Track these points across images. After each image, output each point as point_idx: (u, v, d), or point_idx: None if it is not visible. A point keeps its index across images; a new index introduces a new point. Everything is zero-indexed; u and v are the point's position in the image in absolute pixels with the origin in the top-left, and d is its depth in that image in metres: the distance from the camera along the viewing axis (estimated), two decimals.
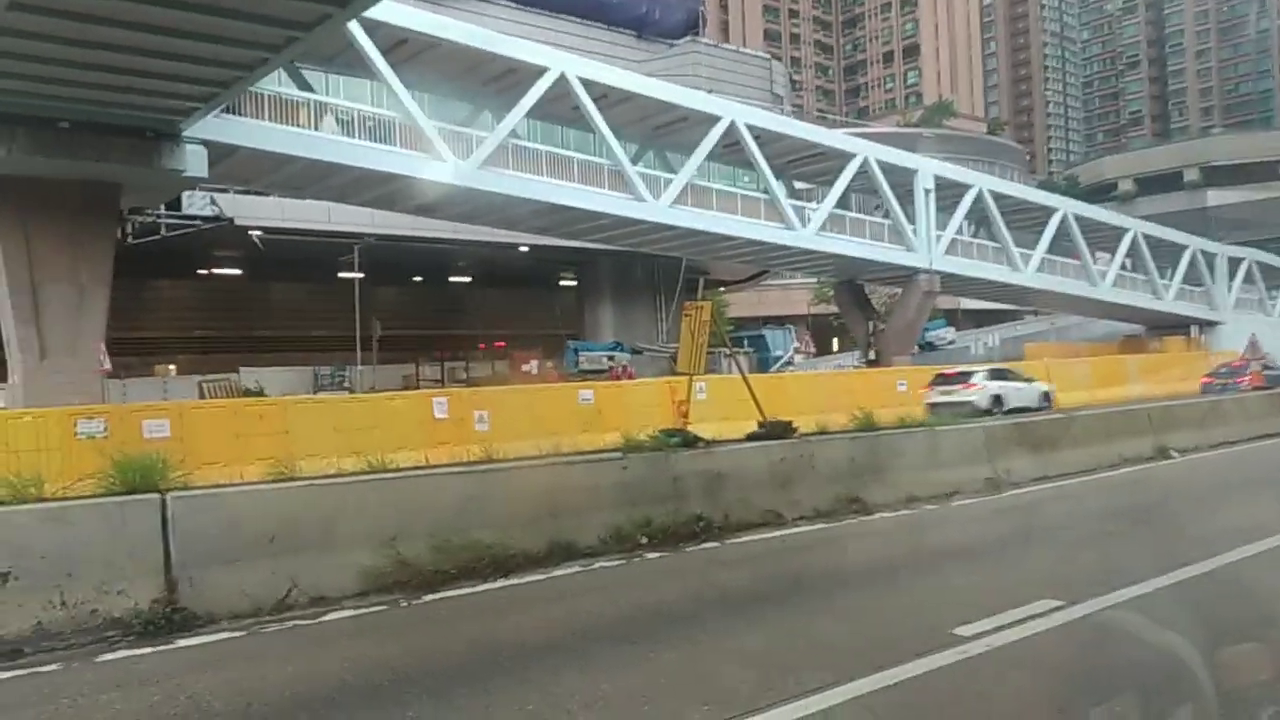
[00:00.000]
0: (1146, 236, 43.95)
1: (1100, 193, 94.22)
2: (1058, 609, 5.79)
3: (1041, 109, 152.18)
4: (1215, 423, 15.44)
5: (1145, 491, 11.37)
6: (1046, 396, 24.48)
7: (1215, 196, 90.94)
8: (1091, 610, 5.80)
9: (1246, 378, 27.63)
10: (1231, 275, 48.81)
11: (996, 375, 24.60)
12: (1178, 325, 45.91)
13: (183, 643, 5.73)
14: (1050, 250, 39.45)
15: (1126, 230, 43.25)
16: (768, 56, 45.96)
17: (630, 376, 28.60)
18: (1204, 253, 47.62)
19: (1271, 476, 12.40)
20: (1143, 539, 8.39)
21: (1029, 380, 25.14)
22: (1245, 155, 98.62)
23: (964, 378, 23.77)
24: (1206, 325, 46.73)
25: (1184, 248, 46.35)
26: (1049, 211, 39.92)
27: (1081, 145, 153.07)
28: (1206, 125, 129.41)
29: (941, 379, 23.89)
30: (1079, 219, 40.93)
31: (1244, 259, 49.86)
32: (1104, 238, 43.43)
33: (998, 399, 23.05)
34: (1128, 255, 43.08)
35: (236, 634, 5.93)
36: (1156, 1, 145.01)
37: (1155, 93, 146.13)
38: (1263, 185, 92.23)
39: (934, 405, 21.39)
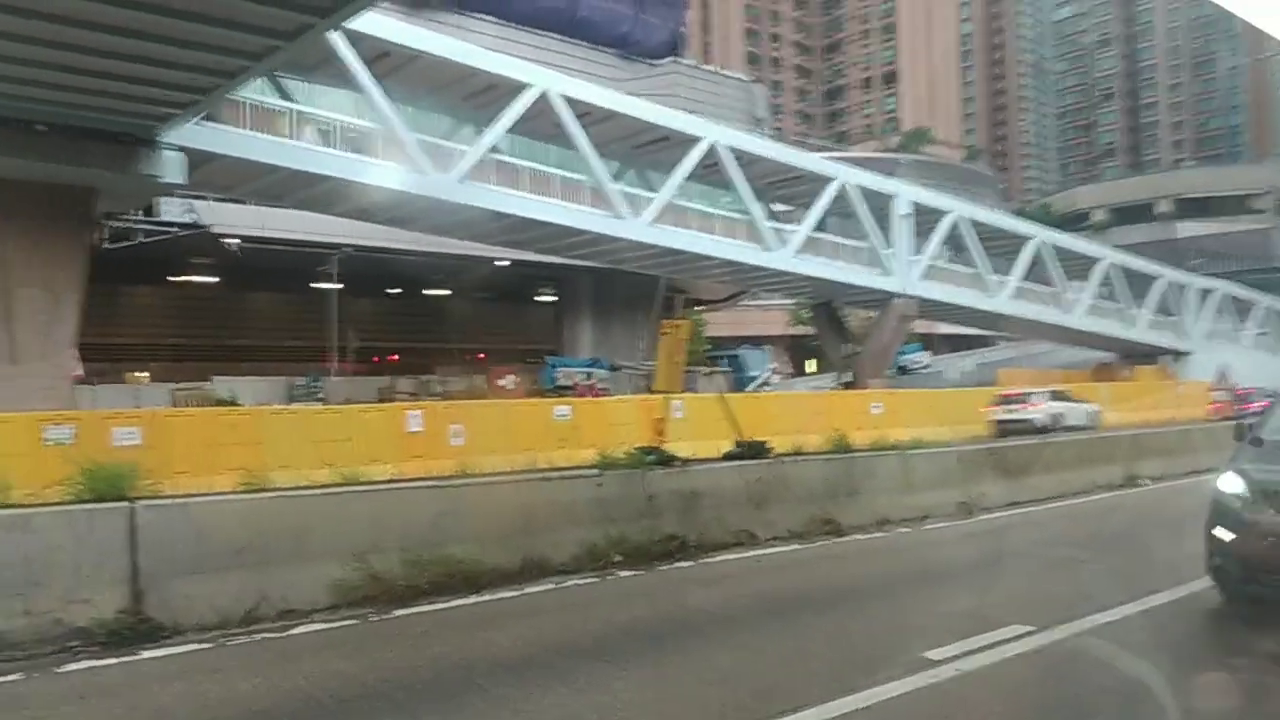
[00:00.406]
0: (1119, 266, 44.52)
1: (1074, 222, 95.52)
2: (1028, 634, 5.83)
3: (1017, 138, 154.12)
4: (1184, 451, 15.60)
5: (1115, 518, 11.47)
6: (1091, 416, 26.34)
7: (1186, 228, 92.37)
8: (1061, 636, 5.84)
9: (1255, 404, 28.52)
10: (1202, 306, 49.50)
11: (1055, 396, 26.13)
12: (1149, 354, 46.46)
13: (148, 654, 5.65)
14: (1025, 278, 39.86)
15: (1099, 259, 43.81)
16: (749, 79, 46.39)
17: (597, 394, 28.57)
18: (1175, 283, 48.29)
19: None
20: (1112, 566, 8.45)
21: (1080, 401, 26.85)
22: (1215, 188, 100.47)
23: (1025, 398, 25.28)
24: (1177, 354, 47.32)
25: (1155, 278, 46.99)
26: (1024, 239, 40.37)
27: (1056, 175, 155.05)
28: (1178, 158, 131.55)
29: (1004, 399, 25.64)
30: (1053, 247, 41.41)
31: (1214, 290, 50.59)
32: (1077, 266, 43.93)
33: (1056, 417, 24.71)
34: (1101, 284, 43.60)
35: (203, 646, 5.85)
36: (1131, 36, 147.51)
37: (1128, 125, 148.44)
38: (1232, 218, 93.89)
39: (1000, 422, 24.07)
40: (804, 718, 4.50)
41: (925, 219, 36.27)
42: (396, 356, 40.44)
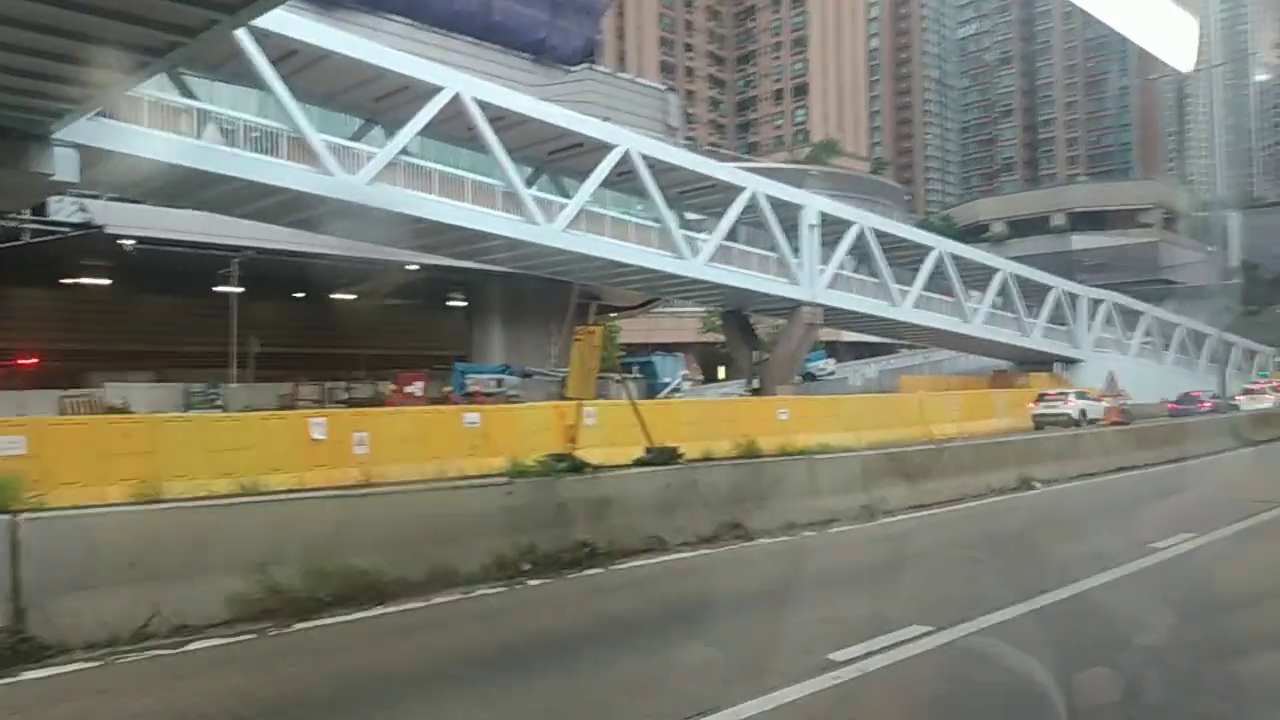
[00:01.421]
0: (1016, 276, 46.19)
1: (974, 233, 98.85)
2: (927, 634, 6.00)
3: (921, 151, 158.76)
4: (1074, 456, 16.27)
5: (1010, 520, 11.87)
6: (1099, 411, 31.71)
7: (1079, 240, 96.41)
8: (958, 635, 6.03)
9: (1207, 403, 35.35)
10: (1092, 315, 51.66)
11: (1079, 395, 32.80)
12: (1043, 361, 48.31)
13: (30, 675, 5.39)
14: (926, 287, 41.04)
15: (997, 270, 45.36)
16: (662, 88, 46.71)
17: (480, 401, 28.30)
18: (1068, 293, 50.31)
19: (1124, 507, 13.13)
20: (1006, 566, 8.75)
21: (1094, 400, 33.06)
22: (1106, 203, 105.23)
23: (1062, 396, 32.32)
24: (1069, 362, 49.30)
25: (1049, 288, 48.89)
26: (926, 250, 41.56)
27: (958, 187, 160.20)
28: (1072, 173, 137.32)
29: (1044, 397, 32.37)
30: (954, 258, 42.73)
31: (1103, 300, 52.87)
32: (976, 277, 45.44)
33: (1083, 411, 30.68)
34: (998, 294, 45.16)
35: (91, 665, 5.61)
36: (1030, 54, 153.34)
37: (1026, 140, 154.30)
38: (1121, 231, 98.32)
39: (1039, 415, 30.22)
40: None
41: (832, 229, 37.06)
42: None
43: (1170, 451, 18.42)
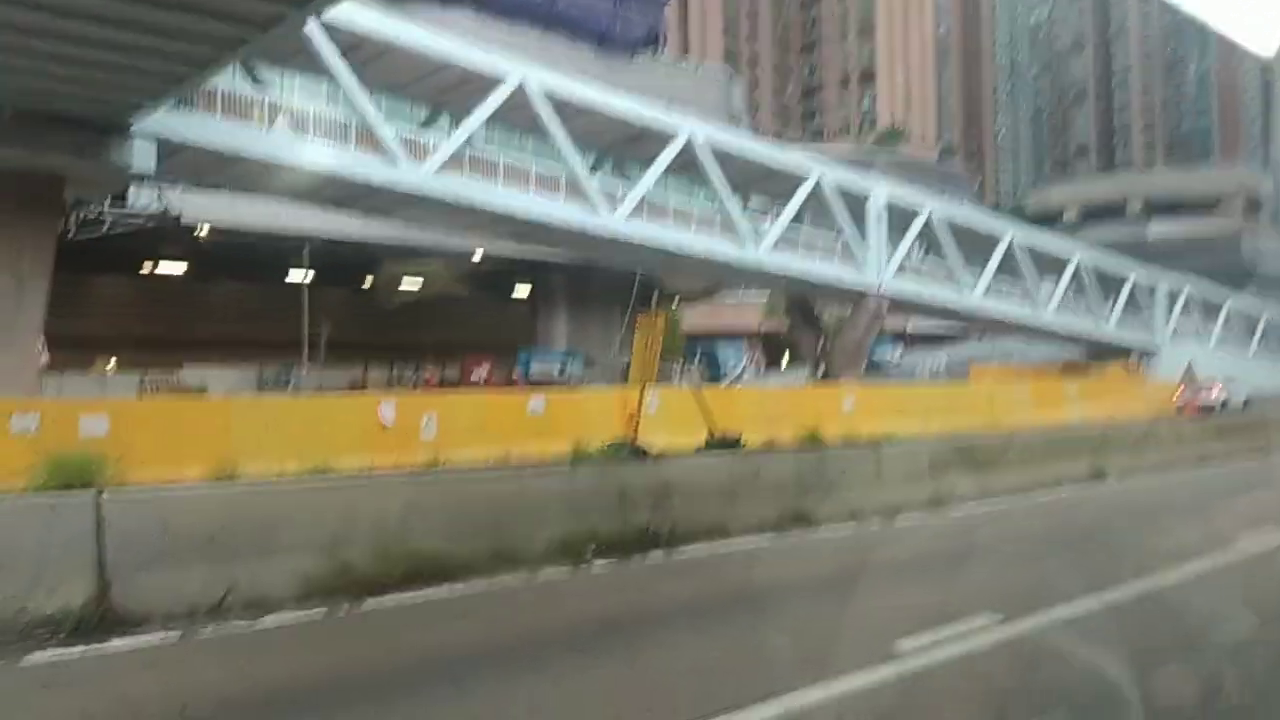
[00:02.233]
0: (1089, 264, 45.01)
1: (1046, 220, 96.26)
2: (995, 625, 5.90)
3: (992, 138, 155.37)
4: (1150, 447, 15.83)
5: (1081, 513, 11.61)
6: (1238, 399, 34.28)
7: (1156, 228, 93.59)
8: (1028, 627, 5.92)
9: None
10: (1170, 305, 50.15)
11: (1228, 379, 35.82)
12: (1117, 351, 47.03)
13: (115, 644, 5.59)
14: (997, 274, 40.21)
15: (1070, 257, 44.25)
16: (726, 74, 46.36)
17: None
18: (1144, 282, 48.89)
19: (1199, 501, 12.74)
20: (1078, 559, 8.55)
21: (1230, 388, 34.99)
22: (1185, 190, 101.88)
23: (1208, 385, 34.44)
24: (1145, 353, 47.92)
25: (1125, 277, 47.55)
26: (996, 237, 40.70)
27: (1030, 174, 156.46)
28: (1149, 159, 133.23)
29: (1192, 381, 35.07)
30: (1026, 245, 41.80)
31: (1182, 290, 51.27)
32: (1049, 264, 44.38)
33: (1227, 399, 33.44)
34: (1071, 281, 44.06)
35: (171, 636, 5.80)
36: (1104, 40, 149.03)
37: (1101, 126, 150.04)
38: (1201, 219, 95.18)
39: (1183, 403, 32.09)
40: (773, 706, 4.53)
41: (900, 216, 36.49)
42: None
43: (1253, 443, 17.81)
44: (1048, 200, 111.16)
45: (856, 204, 35.11)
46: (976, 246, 40.66)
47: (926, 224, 36.93)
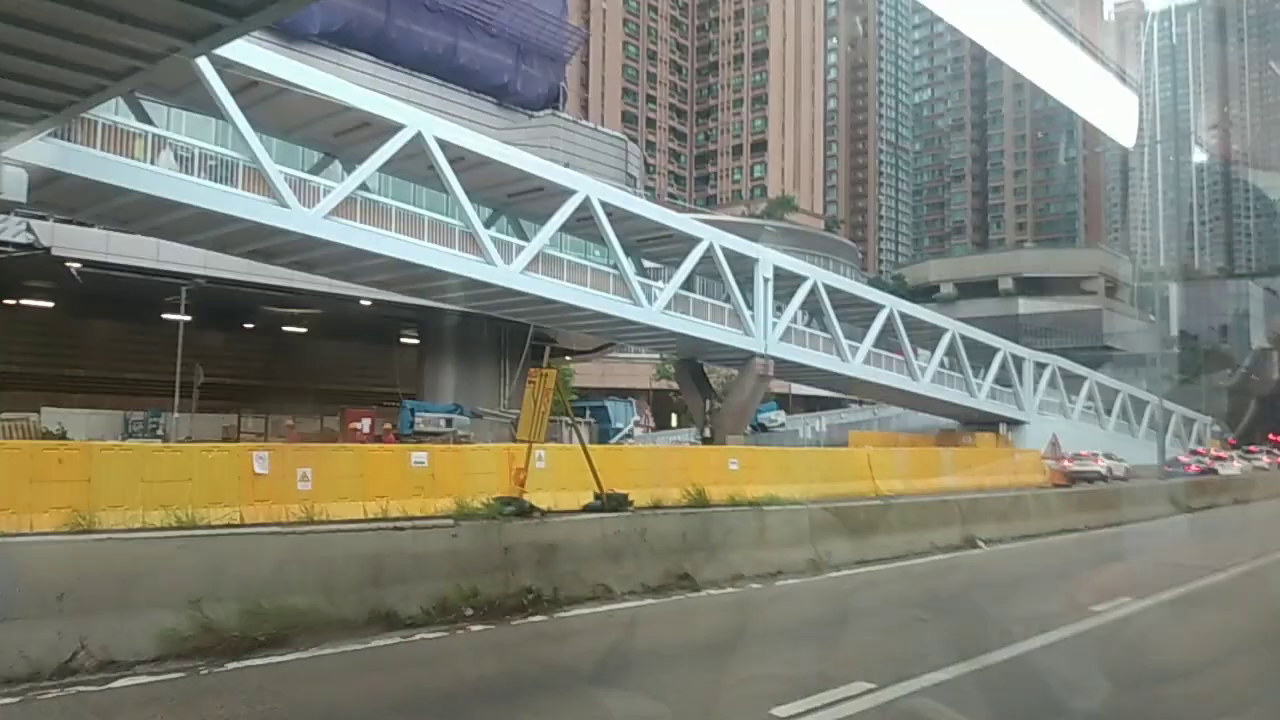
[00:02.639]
0: (963, 337, 47.05)
1: (924, 293, 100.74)
2: (869, 692, 5.99)
3: (875, 211, 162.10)
4: (1018, 516, 16.47)
5: (953, 579, 11.96)
6: (1123, 470, 37.19)
7: (1025, 305, 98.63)
8: (900, 694, 6.03)
9: (1194, 466, 41.19)
10: (1037, 379, 52.73)
11: (1106, 455, 38.07)
12: (988, 422, 49.07)
13: None
14: (876, 345, 41.63)
15: (946, 330, 46.19)
16: (624, 137, 47.21)
17: (387, 440, 28.25)
18: (1014, 356, 51.34)
19: (1064, 569, 13.30)
20: (948, 626, 8.79)
21: (1118, 460, 38.13)
22: (1051, 269, 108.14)
23: (1094, 456, 37.15)
24: (1013, 423, 50.14)
25: (996, 350, 49.85)
26: (877, 307, 42.23)
27: (909, 248, 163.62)
28: (1020, 239, 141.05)
29: (1077, 456, 36.82)
30: (904, 316, 43.46)
31: (1048, 364, 54.01)
32: (926, 336, 46.21)
33: (1110, 469, 36.02)
34: (946, 354, 45.93)
35: (9, 700, 5.39)
36: (982, 123, 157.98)
37: (976, 205, 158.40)
38: (1066, 297, 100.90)
39: (1074, 472, 34.16)
40: None
41: (786, 283, 37.55)
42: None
43: (1109, 515, 18.75)
44: (926, 274, 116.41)
45: (746, 269, 36.00)
46: (859, 316, 42.11)
47: (812, 292, 38.08)
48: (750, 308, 35.83)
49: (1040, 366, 53.34)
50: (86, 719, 5.19)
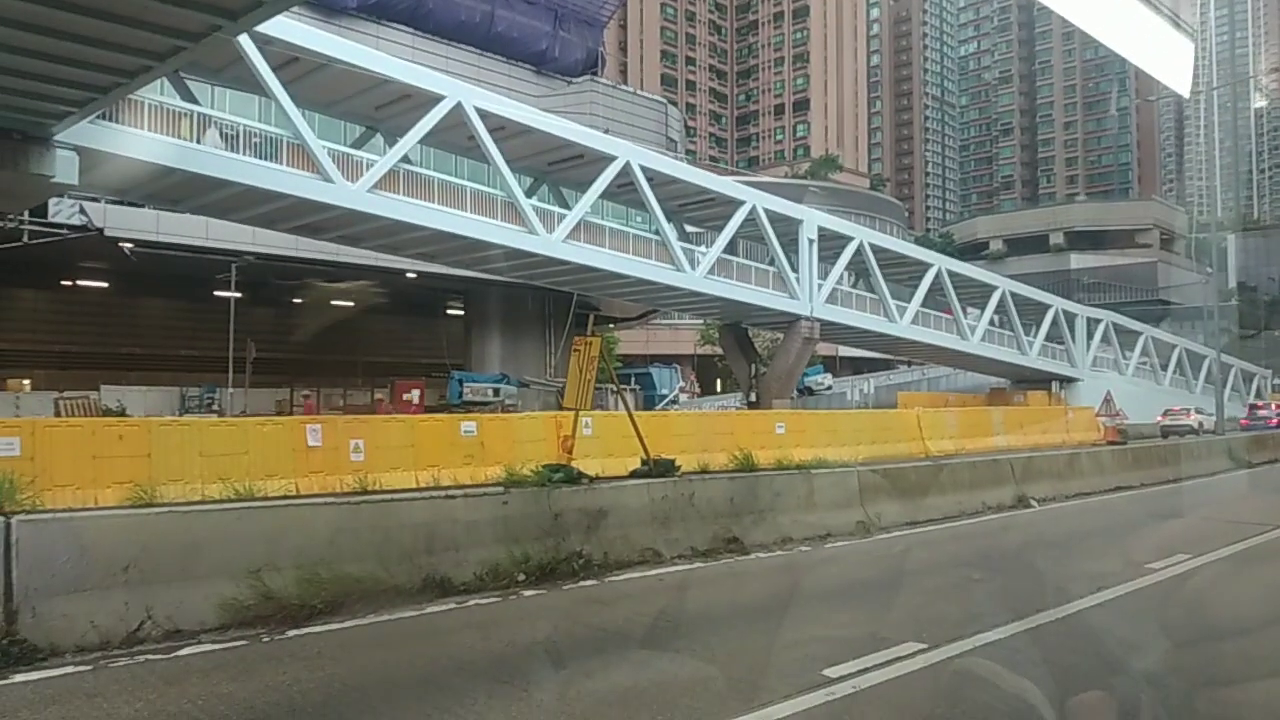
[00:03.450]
0: (1013, 295, 46.27)
1: (972, 251, 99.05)
2: (921, 652, 5.98)
3: (921, 168, 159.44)
4: (1072, 475, 16.26)
5: (1006, 539, 11.85)
6: (1211, 424, 36.90)
7: (1077, 259, 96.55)
8: (953, 654, 6.00)
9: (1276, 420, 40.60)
10: (1090, 335, 51.76)
11: (1197, 410, 39.15)
12: (1040, 380, 48.36)
13: (20, 678, 5.36)
14: (924, 304, 41.10)
15: (995, 288, 45.45)
16: (663, 100, 46.84)
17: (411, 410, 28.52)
18: (1065, 312, 50.40)
19: (1119, 527, 13.11)
20: (1002, 586, 8.73)
21: (1207, 414, 38.34)
22: (1104, 222, 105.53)
23: (1185, 411, 38.68)
24: (1066, 381, 49.35)
25: (1047, 307, 48.97)
26: (925, 266, 41.64)
27: (956, 205, 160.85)
28: (1071, 192, 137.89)
29: (1170, 411, 38.78)
30: (952, 275, 42.81)
31: (1101, 320, 52.97)
32: (975, 294, 45.51)
33: (1200, 423, 36.40)
34: (996, 311, 45.23)
35: (82, 668, 5.58)
36: (1030, 74, 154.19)
37: (1025, 159, 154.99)
38: (1119, 251, 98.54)
39: (1166, 426, 35.68)
40: None
41: (831, 244, 37.15)
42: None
43: (1166, 472, 18.43)
44: (974, 231, 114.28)
45: (790, 231, 35.65)
46: (906, 275, 41.56)
47: (857, 252, 37.64)
48: (795, 270, 35.53)
49: (1093, 322, 52.33)
50: (155, 686, 5.34)
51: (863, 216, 69.26)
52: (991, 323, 45.24)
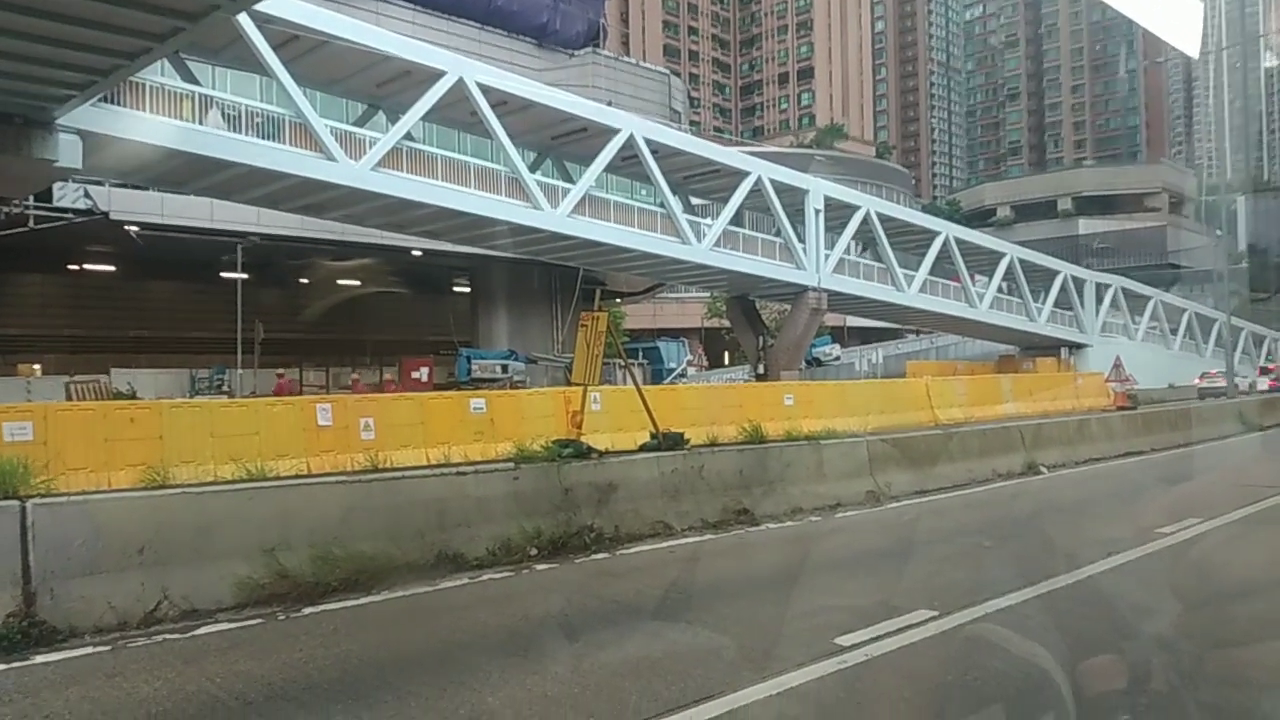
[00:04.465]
0: (1022, 261, 46.04)
1: (980, 218, 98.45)
2: (932, 619, 6.00)
3: (927, 135, 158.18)
4: (1082, 441, 16.25)
5: (1016, 506, 11.87)
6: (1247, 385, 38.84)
7: (1086, 225, 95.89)
8: (964, 621, 6.03)
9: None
10: (1099, 300, 51.52)
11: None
12: (1049, 347, 48.23)
13: (40, 659, 5.43)
14: (932, 272, 40.93)
15: (1003, 255, 45.22)
16: (666, 72, 46.48)
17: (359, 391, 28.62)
18: (1074, 278, 50.15)
19: (1130, 492, 13.12)
20: (1013, 552, 8.75)
21: (1241, 376, 39.35)
22: (1113, 187, 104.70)
23: (1219, 374, 38.85)
24: (1075, 347, 49.20)
25: (1056, 273, 48.73)
26: (932, 234, 41.42)
27: (964, 171, 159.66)
28: (1079, 157, 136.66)
29: (1207, 375, 40.74)
30: (960, 242, 42.60)
31: (1110, 285, 52.70)
32: (983, 261, 45.30)
33: (1236, 385, 36.33)
34: (1004, 279, 45.03)
35: (100, 649, 5.65)
36: (1036, 37, 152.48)
37: (1033, 124, 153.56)
38: (1128, 216, 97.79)
39: (1204, 389, 37.38)
40: (717, 705, 4.56)
41: (838, 214, 36.96)
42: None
43: (1176, 437, 18.40)
44: (981, 198, 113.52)
45: (796, 201, 35.48)
46: (913, 244, 41.36)
47: (864, 221, 37.46)
48: (801, 240, 35.39)
49: (1102, 288, 52.07)
50: (174, 665, 5.40)
51: (869, 185, 68.81)
52: (1000, 290, 45.04)
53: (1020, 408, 29.14)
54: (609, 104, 32.94)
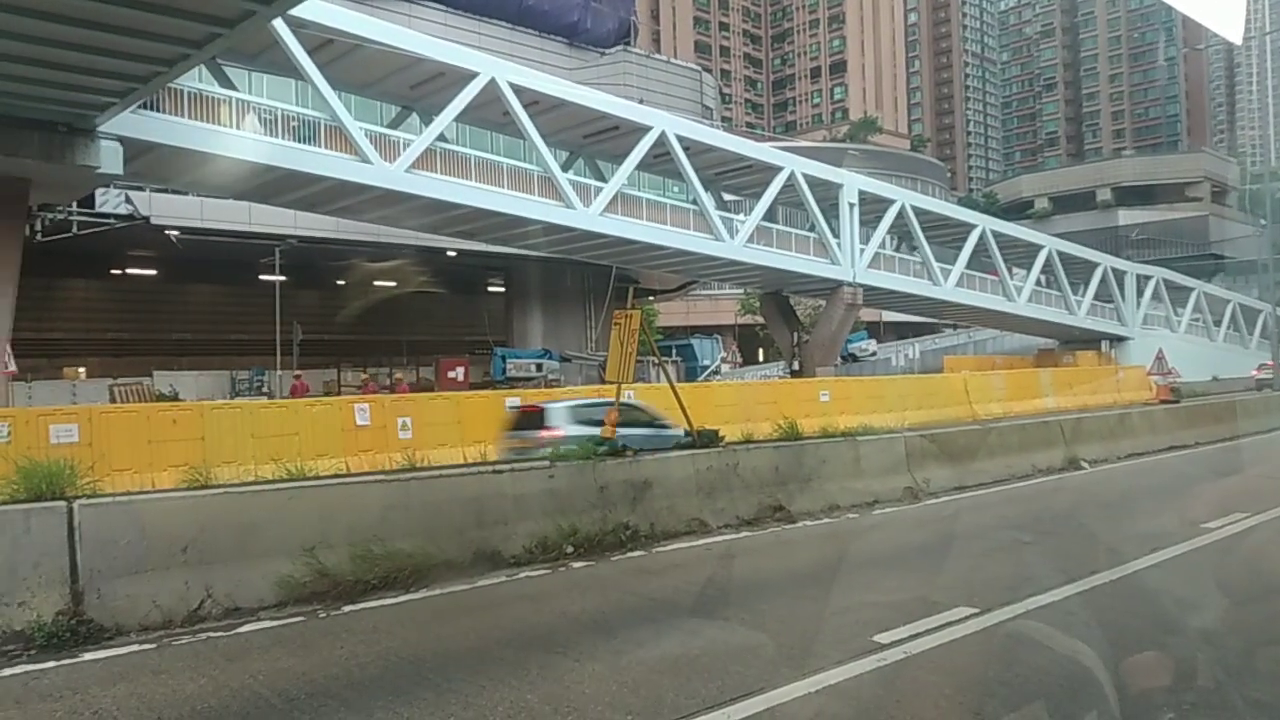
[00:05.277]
0: (1060, 254, 45.42)
1: (1017, 210, 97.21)
2: (973, 616, 5.94)
3: (962, 127, 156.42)
4: (1124, 435, 15.99)
5: (1057, 501, 11.71)
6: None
7: (1125, 216, 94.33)
8: (1005, 618, 5.96)
9: None
10: (1140, 293, 50.71)
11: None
12: (1089, 340, 47.53)
13: (88, 656, 5.53)
14: (969, 265, 40.50)
15: (1041, 247, 44.64)
16: (698, 68, 46.40)
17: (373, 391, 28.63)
18: (1114, 270, 49.40)
19: (1174, 487, 12.89)
20: (1054, 548, 8.64)
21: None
22: (1153, 177, 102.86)
23: (1261, 367, 41.56)
24: (1116, 340, 48.45)
25: (1096, 265, 48.02)
26: (968, 227, 40.99)
27: (1000, 164, 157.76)
28: (1118, 147, 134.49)
29: (1263, 366, 42.03)
30: (997, 235, 42.12)
31: (1151, 277, 51.84)
32: (1020, 254, 44.76)
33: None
34: (1043, 271, 44.45)
35: (146, 646, 5.74)
36: (1072, 27, 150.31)
37: (1070, 114, 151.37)
38: (1169, 206, 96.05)
39: (1260, 380, 38.11)
40: (755, 703, 4.55)
41: (872, 208, 36.69)
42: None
43: (1222, 430, 18.06)
44: (1018, 190, 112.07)
45: (830, 196, 35.26)
46: (949, 237, 40.96)
47: (899, 215, 37.14)
48: (835, 235, 35.17)
49: (1143, 280, 51.23)
50: (217, 662, 5.48)
51: (904, 179, 68.18)
52: (1038, 283, 44.47)
53: (1060, 402, 28.78)
54: (640, 102, 32.95)
